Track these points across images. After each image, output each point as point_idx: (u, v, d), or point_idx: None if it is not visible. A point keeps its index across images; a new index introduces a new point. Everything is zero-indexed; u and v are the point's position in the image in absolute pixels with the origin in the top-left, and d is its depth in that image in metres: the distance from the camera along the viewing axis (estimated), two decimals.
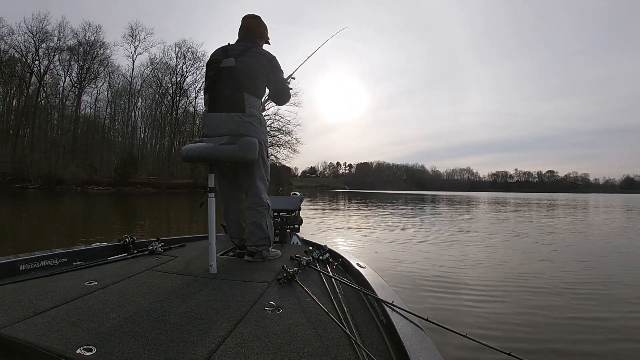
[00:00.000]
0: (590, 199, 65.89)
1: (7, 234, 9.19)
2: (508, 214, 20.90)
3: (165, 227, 12.10)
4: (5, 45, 46.60)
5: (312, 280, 2.31)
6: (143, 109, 59.29)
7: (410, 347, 1.28)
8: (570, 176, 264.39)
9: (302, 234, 4.10)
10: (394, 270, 5.75)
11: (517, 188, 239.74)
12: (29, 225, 11.26)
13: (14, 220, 12.78)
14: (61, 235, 9.51)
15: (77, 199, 28.18)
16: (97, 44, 52.06)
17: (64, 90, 52.20)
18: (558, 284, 5.07)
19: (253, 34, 3.03)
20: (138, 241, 3.06)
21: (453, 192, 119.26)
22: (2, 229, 10.26)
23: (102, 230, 10.76)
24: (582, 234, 11.36)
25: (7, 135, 48.53)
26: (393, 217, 16.66)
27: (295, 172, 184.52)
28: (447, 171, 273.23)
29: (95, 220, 14.34)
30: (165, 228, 11.91)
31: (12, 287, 1.91)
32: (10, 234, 9.33)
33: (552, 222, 15.62)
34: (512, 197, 71.20)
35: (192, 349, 1.32)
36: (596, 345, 3.18)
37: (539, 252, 7.83)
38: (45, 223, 12.13)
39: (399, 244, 8.62)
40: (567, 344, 3.16)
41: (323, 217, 16.35)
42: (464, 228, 12.60)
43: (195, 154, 2.60)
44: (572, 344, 3.17)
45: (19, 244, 7.59)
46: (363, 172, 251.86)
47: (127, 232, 9.43)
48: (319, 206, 23.96)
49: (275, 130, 59.49)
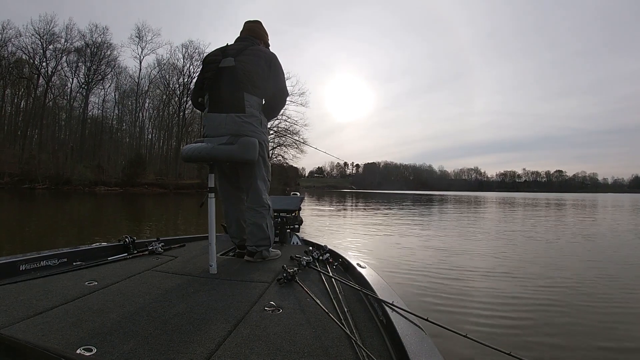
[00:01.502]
0: (598, 198, 65.37)
1: (16, 234, 9.29)
2: (512, 214, 20.79)
3: (173, 227, 12.17)
4: (13, 47, 47.15)
5: (312, 281, 2.30)
6: (150, 110, 59.57)
7: (410, 347, 1.28)
8: (578, 176, 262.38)
9: (305, 235, 4.10)
10: (394, 270, 5.76)
11: (525, 188, 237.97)
12: (38, 225, 11.37)
13: (23, 220, 12.89)
14: (69, 235, 9.58)
15: (85, 199, 28.37)
16: (104, 46, 52.36)
17: (72, 92, 52.51)
18: (558, 284, 5.07)
19: (253, 35, 3.03)
20: (138, 241, 3.06)
21: (461, 192, 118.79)
22: (11, 229, 10.36)
23: (111, 230, 10.86)
24: (588, 234, 11.28)
25: (15, 137, 49.00)
26: (399, 218, 16.63)
27: (302, 172, 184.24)
28: (455, 171, 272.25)
29: (104, 220, 14.43)
30: (173, 228, 11.98)
31: (12, 287, 1.91)
32: (18, 233, 9.43)
33: (560, 222, 15.54)
34: (520, 197, 70.81)
35: (192, 349, 1.32)
36: (596, 345, 3.17)
37: (539, 252, 7.81)
38: (54, 223, 12.24)
39: (401, 244, 8.61)
40: (567, 344, 3.15)
41: (335, 216, 16.32)
42: (467, 228, 12.54)
43: (195, 154, 2.61)
44: (572, 344, 3.16)
45: (28, 243, 7.67)
46: (370, 172, 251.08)
47: (136, 232, 9.53)
48: (325, 206, 23.90)
49: (283, 130, 59.62)
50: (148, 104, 59.01)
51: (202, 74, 2.89)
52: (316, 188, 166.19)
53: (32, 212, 16.43)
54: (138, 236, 3.08)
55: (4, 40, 46.19)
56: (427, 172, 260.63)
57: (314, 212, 18.42)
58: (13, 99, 50.42)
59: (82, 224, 12.54)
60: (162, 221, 14.16)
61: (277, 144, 60.97)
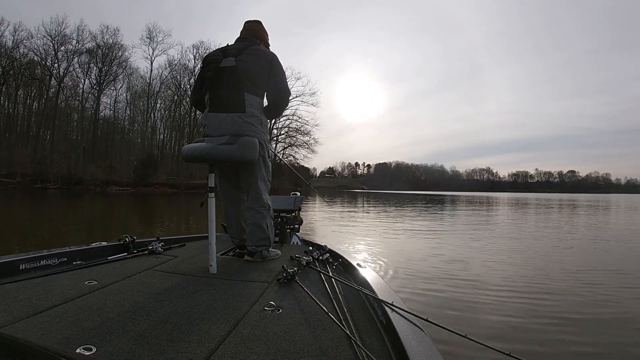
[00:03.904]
0: (611, 199, 64.60)
1: (29, 232, 9.43)
2: (522, 215, 20.62)
3: (185, 225, 12.24)
4: (25, 49, 47.94)
5: (312, 281, 2.30)
6: (162, 111, 60.14)
7: (410, 347, 1.28)
8: (591, 176, 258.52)
9: (307, 236, 4.10)
10: (395, 270, 5.76)
11: (537, 188, 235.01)
12: (51, 223, 11.51)
13: (35, 218, 13.06)
14: (81, 234, 9.68)
15: (97, 199, 28.71)
16: (115, 47, 53.02)
17: (84, 92, 53.26)
18: (559, 284, 5.04)
19: (253, 35, 3.04)
20: (138, 241, 3.07)
21: (473, 193, 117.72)
22: (24, 227, 10.52)
23: (122, 228, 10.92)
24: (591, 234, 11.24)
25: (27, 137, 49.73)
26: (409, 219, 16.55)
27: (313, 172, 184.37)
28: (467, 171, 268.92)
29: (116, 219, 14.61)
30: (185, 226, 12.06)
31: (12, 287, 1.91)
32: (31, 231, 9.58)
33: (570, 222, 15.40)
34: (533, 197, 70.16)
35: (192, 349, 1.32)
36: (596, 345, 3.15)
37: (540, 252, 7.76)
38: (67, 222, 12.40)
39: (404, 244, 8.62)
40: (567, 345, 3.13)
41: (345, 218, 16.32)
42: (470, 229, 12.50)
43: (194, 154, 2.62)
44: (572, 345, 3.13)
45: (40, 241, 7.75)
46: (382, 172, 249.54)
47: (147, 231, 9.61)
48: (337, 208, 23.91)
49: (293, 130, 59.68)
50: (160, 104, 59.72)
51: (202, 74, 2.90)
52: (327, 188, 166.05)
53: (44, 211, 16.66)
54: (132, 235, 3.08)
55: (16, 42, 47.07)
56: (438, 173, 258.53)
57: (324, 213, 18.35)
58: (25, 99, 51.26)
59: (93, 223, 12.69)
60: (172, 220, 14.26)
61: (287, 144, 61.19)
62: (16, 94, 49.23)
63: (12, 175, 39.94)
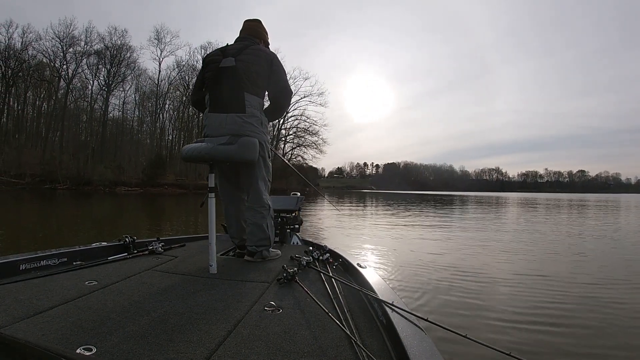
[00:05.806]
0: (621, 199, 64.01)
1: (38, 232, 9.52)
2: (528, 216, 20.45)
3: (193, 225, 12.31)
4: (33, 51, 48.34)
5: (312, 281, 2.30)
6: (171, 111, 60.30)
7: (410, 347, 1.28)
8: (601, 176, 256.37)
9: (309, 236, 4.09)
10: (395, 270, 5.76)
11: (547, 188, 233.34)
12: (59, 223, 11.60)
13: (44, 218, 13.17)
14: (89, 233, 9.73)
15: (106, 199, 28.89)
16: (123, 48, 53.19)
17: (92, 94, 53.54)
18: (559, 284, 5.01)
19: (253, 34, 3.04)
20: (138, 241, 3.07)
21: (482, 193, 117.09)
22: (33, 227, 10.59)
23: (130, 228, 11.00)
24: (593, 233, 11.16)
25: (37, 138, 50.24)
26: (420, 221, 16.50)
27: (322, 172, 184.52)
28: (476, 171, 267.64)
29: (125, 219, 14.70)
30: (193, 226, 12.12)
31: (12, 287, 1.91)
32: (40, 231, 9.67)
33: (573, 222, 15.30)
34: (542, 197, 69.56)
35: (192, 349, 1.32)
36: (596, 346, 3.13)
37: (541, 252, 7.71)
38: (77, 221, 12.50)
39: (406, 244, 8.62)
40: (567, 345, 3.12)
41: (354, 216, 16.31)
42: (473, 229, 12.46)
43: (194, 154, 2.63)
44: (572, 345, 3.12)
45: (47, 241, 7.81)
46: (390, 172, 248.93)
47: (156, 230, 9.66)
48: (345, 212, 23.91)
49: (301, 130, 59.61)
50: (168, 105, 59.83)
51: (202, 74, 2.91)
52: (336, 188, 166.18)
53: (52, 211, 16.80)
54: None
55: (24, 44, 47.46)
56: (447, 173, 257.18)
57: None
58: (35, 101, 51.81)
59: (103, 223, 12.80)
60: (181, 219, 14.32)
61: (295, 144, 61.15)
62: (25, 95, 49.81)
63: (22, 175, 40.29)
